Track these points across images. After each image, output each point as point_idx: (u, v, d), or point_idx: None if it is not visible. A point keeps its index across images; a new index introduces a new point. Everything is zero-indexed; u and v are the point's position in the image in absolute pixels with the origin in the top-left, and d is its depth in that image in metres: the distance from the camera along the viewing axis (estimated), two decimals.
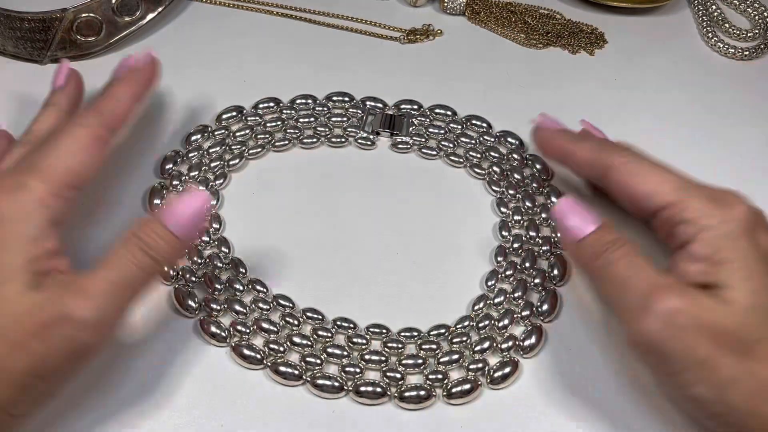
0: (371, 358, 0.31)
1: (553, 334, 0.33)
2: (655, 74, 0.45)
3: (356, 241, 0.36)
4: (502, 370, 0.31)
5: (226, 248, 0.35)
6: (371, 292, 0.34)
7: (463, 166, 0.39)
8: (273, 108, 0.40)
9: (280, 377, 0.30)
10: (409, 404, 0.30)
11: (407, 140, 0.39)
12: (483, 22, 0.48)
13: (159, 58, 0.34)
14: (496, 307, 0.33)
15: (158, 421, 0.29)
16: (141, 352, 0.31)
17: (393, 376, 0.31)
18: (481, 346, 0.31)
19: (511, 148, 0.39)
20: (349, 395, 0.31)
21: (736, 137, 0.41)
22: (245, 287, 0.33)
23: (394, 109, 0.41)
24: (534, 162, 0.38)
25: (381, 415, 0.30)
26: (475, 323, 0.32)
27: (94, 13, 0.42)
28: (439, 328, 0.32)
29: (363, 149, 0.40)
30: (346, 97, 0.41)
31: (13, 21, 0.41)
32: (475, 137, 0.40)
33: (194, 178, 0.37)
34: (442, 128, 0.40)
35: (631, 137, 0.40)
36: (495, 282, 0.34)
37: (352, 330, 0.32)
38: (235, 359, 0.31)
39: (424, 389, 0.30)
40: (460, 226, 0.37)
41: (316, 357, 0.31)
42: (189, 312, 0.32)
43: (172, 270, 0.33)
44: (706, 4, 0.49)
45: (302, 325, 0.32)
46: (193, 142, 0.38)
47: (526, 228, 0.36)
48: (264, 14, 0.48)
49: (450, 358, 0.31)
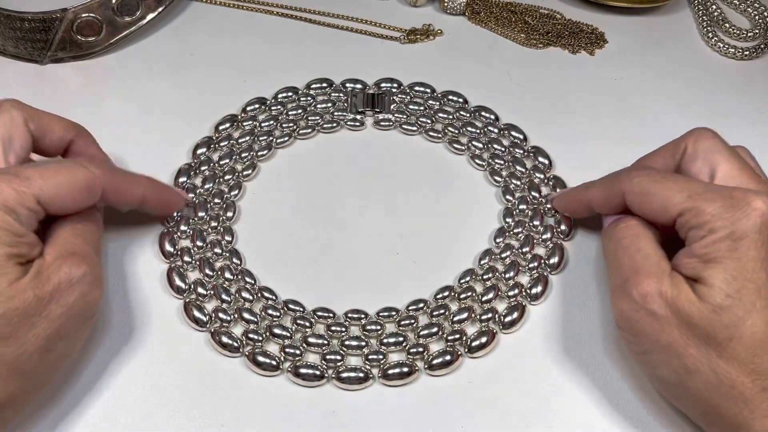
0: (390, 343, 0.32)
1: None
2: (655, 74, 0.45)
3: (356, 234, 0.36)
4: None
5: (230, 236, 0.35)
6: (379, 280, 0.34)
7: (446, 141, 0.40)
8: (262, 108, 0.41)
9: (300, 379, 0.31)
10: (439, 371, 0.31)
11: (390, 117, 0.41)
12: (483, 22, 0.48)
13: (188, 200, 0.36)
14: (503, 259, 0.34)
15: (158, 420, 0.29)
16: (141, 352, 0.31)
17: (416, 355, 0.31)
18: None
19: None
20: (377, 382, 0.31)
21: (736, 137, 0.41)
22: (236, 277, 0.33)
23: (375, 88, 0.42)
24: (510, 130, 0.40)
25: (387, 411, 0.30)
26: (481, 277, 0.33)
27: (94, 13, 0.42)
28: (444, 290, 0.33)
29: (354, 131, 0.41)
30: (324, 83, 0.42)
31: (14, 21, 0.41)
32: (452, 112, 0.41)
33: (202, 192, 0.37)
34: (421, 104, 0.42)
35: (631, 137, 0.41)
36: (502, 241, 0.36)
37: (365, 319, 0.32)
38: (248, 365, 0.31)
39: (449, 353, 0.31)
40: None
41: (335, 353, 0.31)
42: (182, 303, 0.32)
43: (183, 283, 0.33)
44: (706, 4, 0.49)
45: (315, 326, 0.32)
46: (199, 155, 0.38)
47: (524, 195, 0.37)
48: (264, 14, 0.48)
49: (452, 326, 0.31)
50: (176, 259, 0.34)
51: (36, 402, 0.29)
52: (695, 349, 0.27)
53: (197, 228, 0.35)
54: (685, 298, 0.27)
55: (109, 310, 0.32)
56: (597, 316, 0.33)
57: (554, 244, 0.35)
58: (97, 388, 0.30)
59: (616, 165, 0.39)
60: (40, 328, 0.26)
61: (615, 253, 0.30)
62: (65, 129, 0.32)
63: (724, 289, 0.26)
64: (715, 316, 0.26)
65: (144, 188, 0.32)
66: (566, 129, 0.41)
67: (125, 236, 0.35)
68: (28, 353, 0.25)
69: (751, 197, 0.27)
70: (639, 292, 0.28)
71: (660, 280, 0.28)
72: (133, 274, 0.34)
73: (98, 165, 0.29)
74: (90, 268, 0.27)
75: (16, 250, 0.26)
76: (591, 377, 0.31)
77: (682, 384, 0.28)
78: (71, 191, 0.28)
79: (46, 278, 0.26)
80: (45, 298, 0.26)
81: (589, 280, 0.34)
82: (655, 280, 0.28)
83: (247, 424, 0.30)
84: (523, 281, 0.34)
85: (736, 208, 0.27)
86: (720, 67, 0.46)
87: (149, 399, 0.30)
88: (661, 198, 0.29)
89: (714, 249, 0.27)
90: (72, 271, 0.26)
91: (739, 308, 0.26)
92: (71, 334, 0.27)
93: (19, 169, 0.27)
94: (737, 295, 0.26)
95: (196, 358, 0.31)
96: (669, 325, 0.27)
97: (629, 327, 0.28)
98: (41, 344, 0.26)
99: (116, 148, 0.38)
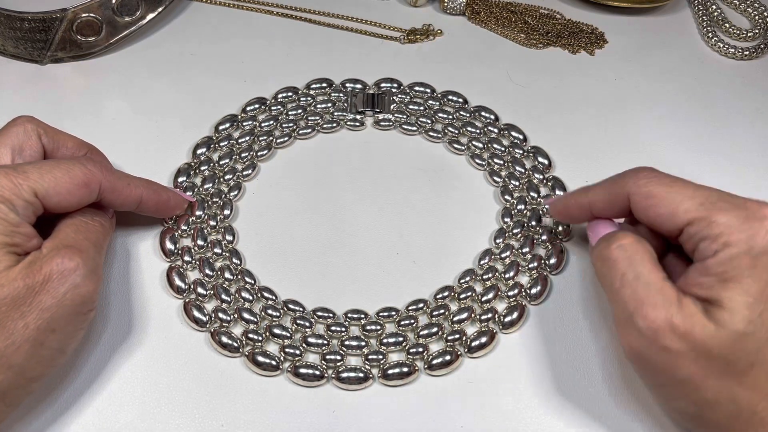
0: (390, 343, 0.32)
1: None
2: (655, 74, 0.45)
3: (355, 233, 0.36)
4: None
5: (230, 236, 0.35)
6: (379, 280, 0.34)
7: (445, 141, 0.40)
8: (262, 108, 0.41)
9: (300, 379, 0.31)
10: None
11: (390, 117, 0.41)
12: (483, 22, 0.48)
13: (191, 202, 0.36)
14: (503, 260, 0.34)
15: (158, 420, 0.29)
16: (141, 352, 0.31)
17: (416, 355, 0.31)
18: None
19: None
20: (376, 382, 0.31)
21: (736, 137, 0.41)
22: (235, 274, 0.33)
23: (375, 88, 0.42)
24: (510, 130, 0.40)
25: (387, 411, 0.30)
26: (481, 274, 0.33)
27: (94, 13, 0.42)
28: (443, 290, 0.33)
29: (354, 131, 0.41)
30: (324, 83, 0.42)
31: (13, 21, 0.41)
32: (452, 112, 0.41)
33: (201, 191, 0.37)
34: (421, 104, 0.42)
35: (631, 137, 0.41)
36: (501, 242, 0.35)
37: (365, 319, 0.32)
38: (248, 365, 0.31)
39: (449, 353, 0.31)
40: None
41: (335, 354, 0.31)
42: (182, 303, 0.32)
43: (183, 283, 0.33)
44: (706, 4, 0.49)
45: (314, 326, 0.32)
46: (199, 155, 0.38)
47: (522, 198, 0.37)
48: (264, 14, 0.48)
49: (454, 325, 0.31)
50: (176, 259, 0.34)
51: (34, 400, 0.29)
52: (714, 380, 0.25)
53: (198, 227, 0.35)
54: (701, 329, 0.24)
55: (109, 310, 0.32)
56: (597, 316, 0.33)
57: (554, 245, 0.35)
58: (97, 388, 0.30)
59: (616, 165, 0.39)
60: (30, 318, 0.26)
61: (612, 281, 0.27)
62: (78, 146, 0.33)
63: (746, 314, 0.24)
64: (737, 344, 0.24)
65: (142, 189, 0.32)
66: (566, 129, 0.41)
67: (125, 236, 0.35)
68: (16, 344, 0.25)
69: (765, 210, 0.25)
70: (648, 326, 0.25)
71: (669, 311, 0.25)
72: (132, 273, 0.34)
73: (96, 164, 0.30)
74: (84, 261, 0.27)
75: (10, 240, 0.26)
76: (591, 377, 0.31)
77: (700, 416, 0.26)
78: (68, 186, 0.28)
79: (38, 268, 0.26)
80: (35, 287, 0.26)
81: (589, 280, 0.34)
82: (663, 312, 0.25)
83: (247, 424, 0.30)
84: (522, 281, 0.34)
85: (753, 220, 0.25)
86: (720, 67, 0.46)
87: (149, 399, 0.30)
88: (669, 203, 0.27)
89: (732, 266, 0.25)
90: (64, 263, 0.26)
91: (762, 333, 0.24)
92: (64, 327, 0.27)
93: (18, 164, 0.28)
94: (760, 319, 0.24)
95: (195, 358, 0.31)
96: (685, 359, 0.25)
97: (641, 362, 0.26)
98: (31, 335, 0.26)
99: (116, 148, 0.38)
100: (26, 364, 0.26)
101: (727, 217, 0.25)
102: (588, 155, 0.40)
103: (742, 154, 0.40)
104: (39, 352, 0.26)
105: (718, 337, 0.24)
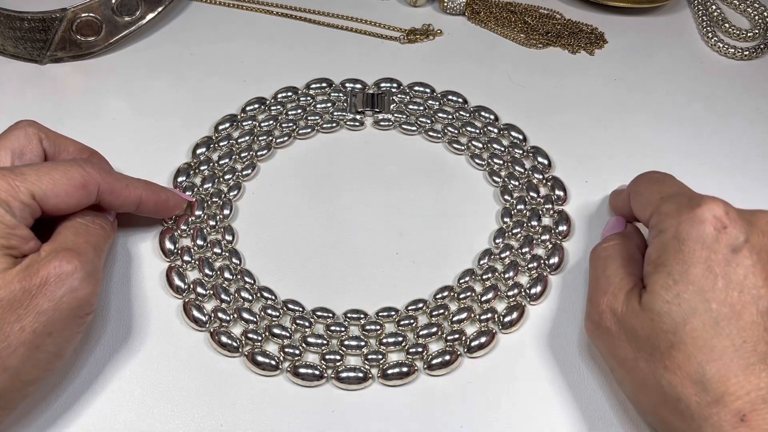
0: (389, 343, 0.32)
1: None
2: (655, 74, 0.45)
3: (354, 232, 0.36)
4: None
5: (230, 236, 0.35)
6: (378, 280, 0.34)
7: (445, 141, 0.40)
8: (262, 107, 0.41)
9: (300, 379, 0.31)
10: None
11: (390, 117, 0.41)
12: (483, 22, 0.48)
13: (191, 203, 0.36)
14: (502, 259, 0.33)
15: (158, 420, 0.29)
16: (140, 351, 0.31)
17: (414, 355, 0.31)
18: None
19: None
20: (376, 382, 0.31)
21: (736, 137, 0.41)
22: (235, 275, 0.33)
23: (375, 88, 0.42)
24: (509, 130, 0.40)
25: (387, 411, 0.30)
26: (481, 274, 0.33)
27: (94, 13, 0.42)
28: (443, 291, 0.34)
29: (353, 131, 0.41)
30: (324, 83, 0.42)
31: (13, 21, 0.41)
32: (451, 112, 0.41)
33: (201, 191, 0.37)
34: (421, 104, 0.42)
35: (631, 137, 0.41)
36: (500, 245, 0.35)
37: (364, 319, 0.32)
38: (247, 365, 0.31)
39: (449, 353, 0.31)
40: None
41: (335, 353, 0.31)
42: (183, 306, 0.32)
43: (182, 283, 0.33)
44: (706, 4, 0.49)
45: (314, 325, 0.32)
46: (199, 155, 0.38)
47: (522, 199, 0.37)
48: (264, 14, 0.48)
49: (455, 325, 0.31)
50: (176, 259, 0.34)
51: (34, 400, 0.29)
52: (644, 362, 0.26)
53: (197, 226, 0.35)
54: (631, 311, 0.27)
55: (108, 310, 0.33)
56: None
57: (554, 245, 0.35)
58: (96, 388, 0.30)
59: (616, 165, 0.39)
60: (27, 322, 0.25)
61: (590, 275, 0.31)
62: (79, 151, 0.33)
63: (661, 294, 0.26)
64: (655, 324, 0.25)
65: (141, 190, 0.32)
66: (566, 129, 0.41)
67: (125, 236, 0.35)
68: (12, 347, 0.25)
69: (705, 199, 0.27)
70: (596, 310, 0.28)
71: (615, 297, 0.28)
72: (132, 273, 0.34)
73: (94, 165, 0.30)
74: (82, 264, 0.27)
75: (7, 242, 0.26)
76: (590, 377, 0.31)
77: (637, 399, 0.27)
78: (66, 188, 0.28)
79: (35, 271, 0.26)
80: (32, 290, 0.26)
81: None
82: (610, 298, 0.28)
83: (247, 423, 0.30)
84: (522, 281, 0.34)
85: (687, 208, 0.26)
86: (720, 67, 0.46)
87: (148, 398, 0.30)
88: (643, 198, 0.29)
89: (663, 251, 0.26)
90: (62, 265, 0.26)
91: (677, 313, 0.25)
92: (61, 331, 0.27)
93: (15, 166, 0.28)
94: (676, 300, 0.25)
95: (195, 357, 0.31)
96: (620, 340, 0.27)
97: (596, 344, 0.29)
98: (27, 339, 0.25)
99: (116, 148, 0.38)
100: (22, 367, 0.26)
101: (668, 207, 0.27)
102: (588, 155, 0.40)
103: (741, 154, 0.40)
104: (35, 355, 0.26)
105: (640, 318, 0.26)
